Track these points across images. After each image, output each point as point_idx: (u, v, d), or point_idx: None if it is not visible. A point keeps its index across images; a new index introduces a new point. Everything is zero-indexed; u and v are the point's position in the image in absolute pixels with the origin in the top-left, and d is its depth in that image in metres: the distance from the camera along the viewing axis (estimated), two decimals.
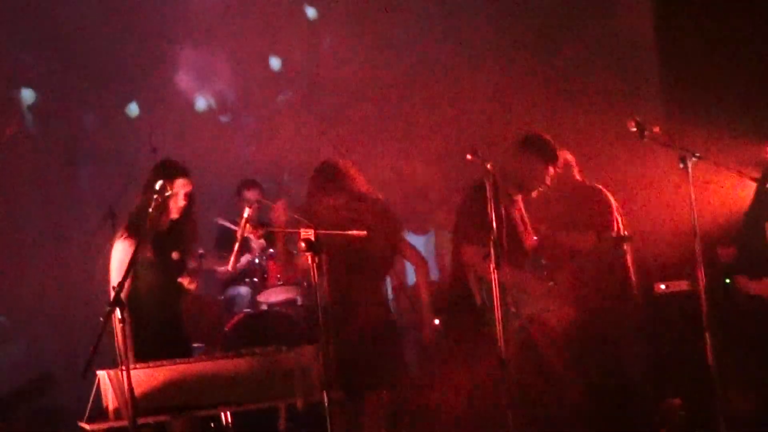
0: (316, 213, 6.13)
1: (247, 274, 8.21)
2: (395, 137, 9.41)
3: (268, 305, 8.09)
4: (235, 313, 8.02)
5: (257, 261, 7.80)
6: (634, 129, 5.85)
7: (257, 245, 8.20)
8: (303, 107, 9.57)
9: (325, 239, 5.76)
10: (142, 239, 5.67)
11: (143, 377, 5.30)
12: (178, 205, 5.95)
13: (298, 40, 9.59)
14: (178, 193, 5.92)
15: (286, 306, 8.16)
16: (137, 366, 5.35)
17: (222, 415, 5.72)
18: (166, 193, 5.61)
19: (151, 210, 5.51)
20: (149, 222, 5.65)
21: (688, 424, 7.16)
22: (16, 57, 9.12)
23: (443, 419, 7.15)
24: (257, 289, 8.17)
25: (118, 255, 5.83)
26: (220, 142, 9.34)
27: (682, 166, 5.70)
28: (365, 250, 6.19)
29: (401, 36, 9.64)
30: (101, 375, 5.26)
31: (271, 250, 7.96)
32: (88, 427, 5.29)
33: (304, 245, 5.46)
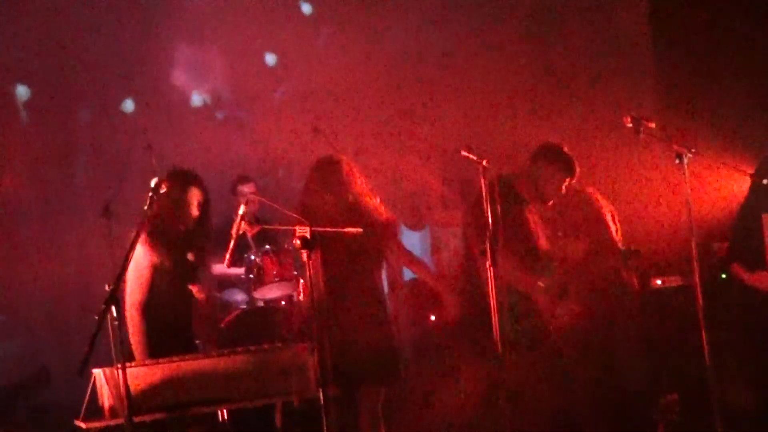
0: (313, 209, 6.12)
1: (244, 272, 8.19)
2: (391, 134, 9.40)
3: (264, 302, 8.07)
4: (232, 311, 8.01)
5: (253, 258, 7.78)
6: (630, 125, 5.85)
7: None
8: (299, 103, 9.55)
9: (321, 235, 5.76)
10: (156, 243, 5.75)
11: (139, 375, 5.30)
12: (191, 214, 6.02)
13: (294, 36, 9.57)
14: (192, 202, 5.99)
15: (283, 302, 8.14)
16: (133, 364, 5.35)
17: (219, 412, 5.71)
18: (161, 190, 5.59)
19: (147, 208, 5.50)
20: (148, 221, 5.69)
21: (685, 419, 7.17)
22: (11, 53, 9.09)
23: (441, 415, 7.17)
24: (253, 285, 8.15)
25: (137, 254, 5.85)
26: (215, 138, 9.31)
27: (677, 161, 5.70)
28: (360, 246, 6.19)
29: (397, 32, 9.62)
30: (97, 373, 5.26)
31: (267, 247, 7.94)
32: (84, 425, 5.28)
33: (299, 242, 5.46)
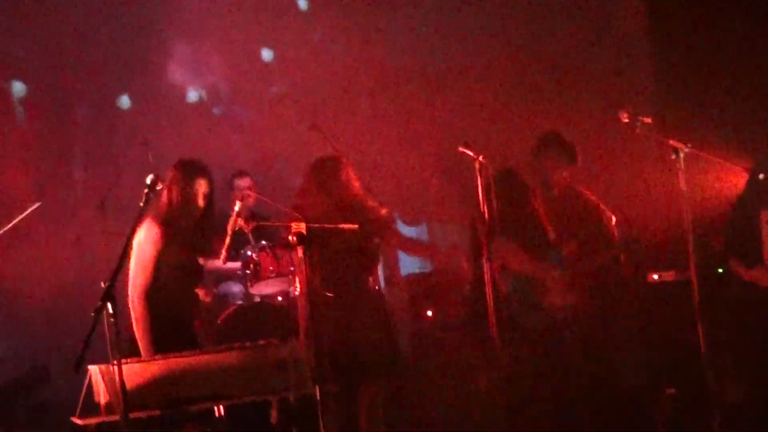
0: (310, 207, 6.12)
1: (241, 267, 8.18)
2: (388, 129, 9.40)
3: (261, 297, 8.06)
4: (227, 306, 8.00)
5: (249, 253, 7.76)
6: (626, 120, 5.86)
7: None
8: (295, 99, 9.55)
9: (317, 231, 5.76)
10: (166, 232, 5.80)
11: (135, 372, 5.28)
12: (198, 206, 6.02)
13: (291, 32, 9.56)
14: (198, 193, 5.98)
15: (279, 298, 8.13)
16: (129, 360, 5.33)
17: (215, 408, 5.70)
18: (157, 187, 5.58)
19: (143, 204, 5.49)
20: (158, 210, 5.72)
21: (682, 414, 7.16)
22: (6, 50, 9.08)
23: (441, 411, 7.17)
24: (250, 281, 8.14)
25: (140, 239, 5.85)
26: (211, 134, 9.31)
27: (674, 156, 5.70)
28: (357, 243, 6.19)
29: (394, 27, 9.62)
30: (93, 370, 5.24)
31: (264, 242, 7.93)
32: (79, 422, 5.27)
33: (295, 238, 5.46)
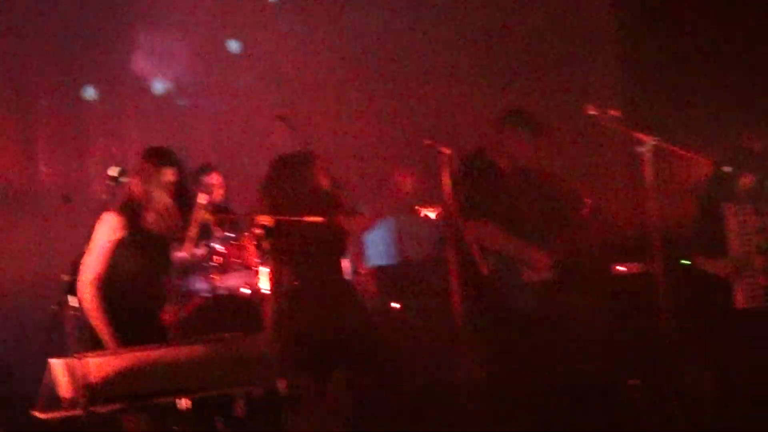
0: (276, 199, 6.09)
1: (206, 259, 8.15)
2: (357, 122, 9.39)
3: (226, 290, 8.03)
4: (193, 299, 7.96)
5: (215, 245, 7.73)
6: (593, 113, 5.87)
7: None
8: (263, 91, 9.50)
9: (284, 223, 5.74)
10: (125, 220, 5.69)
11: (98, 365, 5.22)
12: (165, 195, 5.88)
13: (259, 24, 9.51)
14: (165, 181, 5.86)
15: (246, 290, 8.10)
16: (92, 354, 5.29)
17: (181, 401, 5.66)
18: (122, 178, 5.54)
19: (107, 196, 5.45)
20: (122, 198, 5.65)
21: (645, 404, 7.20)
22: None
23: (407, 403, 7.16)
24: (216, 273, 8.10)
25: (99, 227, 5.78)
26: (177, 125, 9.26)
27: (640, 149, 5.72)
28: (325, 234, 6.17)
29: (362, 19, 9.60)
30: (54, 363, 5.18)
31: (229, 234, 7.90)
32: (41, 415, 5.22)
33: (261, 231, 5.44)
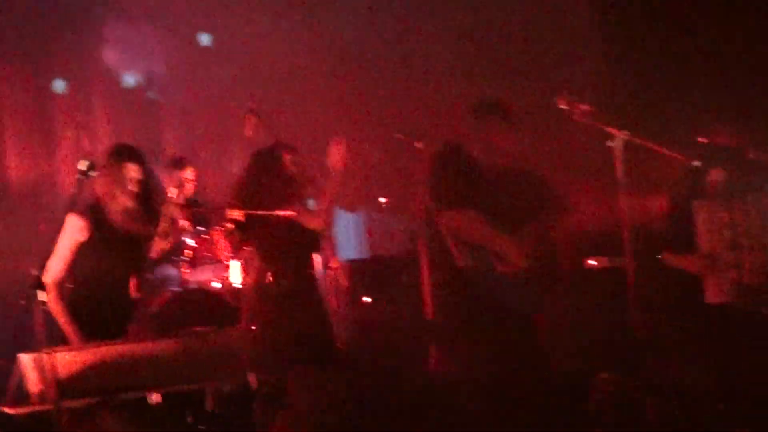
0: (249, 194, 6.06)
1: (176, 253, 8.12)
2: (329, 115, 9.37)
3: (197, 283, 8.02)
4: (163, 293, 7.93)
5: (186, 239, 7.71)
6: (564, 106, 5.87)
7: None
8: (234, 85, 9.48)
9: (256, 218, 5.73)
10: (87, 220, 5.64)
11: (68, 360, 5.19)
12: (128, 192, 5.82)
13: (230, 16, 9.47)
14: (129, 178, 5.80)
15: (216, 284, 8.09)
16: (61, 349, 5.26)
17: (151, 396, 5.63)
18: (91, 172, 5.48)
19: (74, 190, 5.40)
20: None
21: (615, 397, 7.24)
22: None
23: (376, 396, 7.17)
24: (186, 267, 8.08)
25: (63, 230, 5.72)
26: (148, 119, 9.22)
27: (611, 143, 5.73)
28: (297, 228, 6.15)
29: (336, 13, 9.58)
30: (23, 358, 5.15)
31: (200, 228, 7.89)
32: (10, 411, 5.18)
33: (232, 225, 5.42)
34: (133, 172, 5.82)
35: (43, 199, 8.31)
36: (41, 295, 4.75)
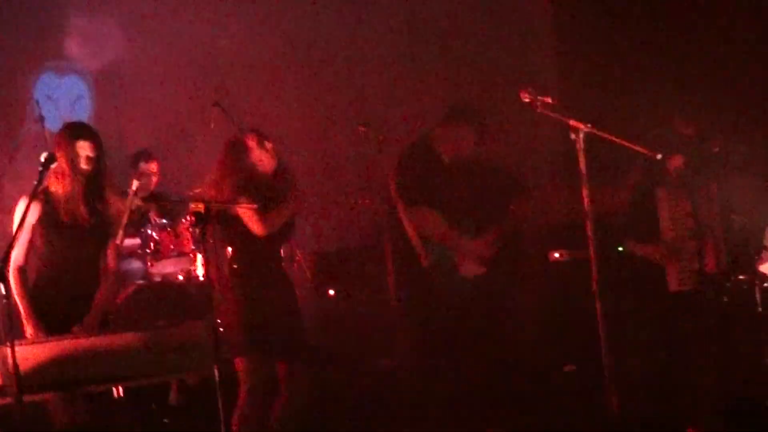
0: (217, 189, 6.00)
1: (140, 246, 8.08)
2: (294, 108, 9.35)
3: (161, 276, 7.98)
4: (127, 285, 7.88)
5: (150, 232, 7.68)
6: (527, 99, 5.87)
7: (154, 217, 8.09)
8: (199, 75, 9.43)
9: (222, 210, 5.71)
10: (38, 201, 5.53)
11: (29, 353, 5.15)
12: (81, 169, 5.64)
13: (195, 9, 9.42)
14: (80, 156, 5.62)
15: (180, 277, 8.06)
16: (22, 342, 5.21)
17: (114, 389, 5.60)
18: (52, 164, 5.42)
19: (37, 183, 5.33)
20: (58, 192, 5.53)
21: (580, 390, 7.27)
22: None
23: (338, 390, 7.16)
24: (150, 260, 8.04)
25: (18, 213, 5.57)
26: (111, 111, 9.15)
27: (574, 136, 5.74)
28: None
29: (301, 6, 9.57)
30: None
31: (164, 221, 7.85)
32: None
33: (193, 218, 5.38)
34: (84, 149, 5.64)
35: (4, 192, 8.21)
36: (2, 288, 4.70)
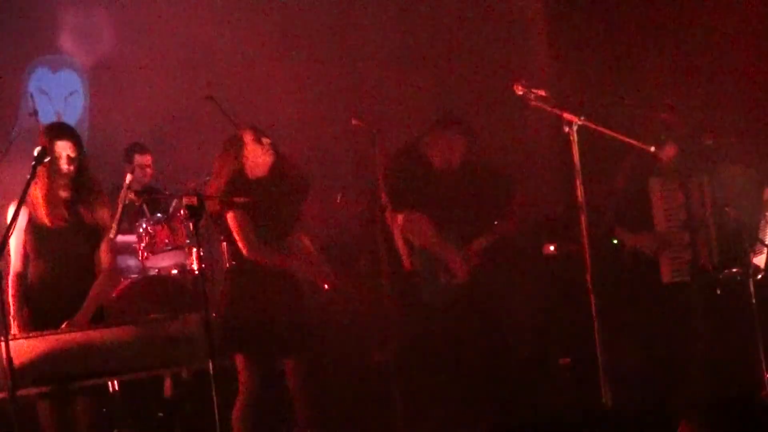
0: (216, 184, 5.98)
1: (136, 241, 8.07)
2: (288, 102, 9.33)
3: (156, 270, 7.98)
4: (123, 277, 7.87)
5: (144, 226, 7.67)
6: (521, 92, 5.88)
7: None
8: (191, 69, 9.41)
9: (217, 204, 5.71)
10: (27, 204, 5.51)
11: (24, 348, 5.16)
12: (61, 170, 5.58)
13: (188, 2, 9.40)
14: (61, 156, 5.56)
15: (175, 271, 8.05)
16: (17, 336, 5.22)
17: (109, 383, 5.61)
18: (45, 159, 5.41)
19: (29, 178, 5.33)
20: (44, 189, 5.51)
21: (574, 383, 7.30)
22: None
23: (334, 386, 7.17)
24: (145, 254, 8.02)
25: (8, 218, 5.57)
26: (103, 104, 9.15)
27: (566, 129, 5.75)
28: (269, 214, 6.02)
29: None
30: None
31: (159, 215, 7.85)
32: None
33: (186, 211, 5.38)
34: (63, 149, 5.57)
35: None
36: None
